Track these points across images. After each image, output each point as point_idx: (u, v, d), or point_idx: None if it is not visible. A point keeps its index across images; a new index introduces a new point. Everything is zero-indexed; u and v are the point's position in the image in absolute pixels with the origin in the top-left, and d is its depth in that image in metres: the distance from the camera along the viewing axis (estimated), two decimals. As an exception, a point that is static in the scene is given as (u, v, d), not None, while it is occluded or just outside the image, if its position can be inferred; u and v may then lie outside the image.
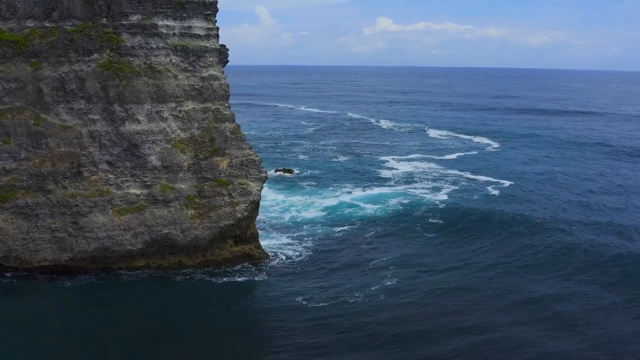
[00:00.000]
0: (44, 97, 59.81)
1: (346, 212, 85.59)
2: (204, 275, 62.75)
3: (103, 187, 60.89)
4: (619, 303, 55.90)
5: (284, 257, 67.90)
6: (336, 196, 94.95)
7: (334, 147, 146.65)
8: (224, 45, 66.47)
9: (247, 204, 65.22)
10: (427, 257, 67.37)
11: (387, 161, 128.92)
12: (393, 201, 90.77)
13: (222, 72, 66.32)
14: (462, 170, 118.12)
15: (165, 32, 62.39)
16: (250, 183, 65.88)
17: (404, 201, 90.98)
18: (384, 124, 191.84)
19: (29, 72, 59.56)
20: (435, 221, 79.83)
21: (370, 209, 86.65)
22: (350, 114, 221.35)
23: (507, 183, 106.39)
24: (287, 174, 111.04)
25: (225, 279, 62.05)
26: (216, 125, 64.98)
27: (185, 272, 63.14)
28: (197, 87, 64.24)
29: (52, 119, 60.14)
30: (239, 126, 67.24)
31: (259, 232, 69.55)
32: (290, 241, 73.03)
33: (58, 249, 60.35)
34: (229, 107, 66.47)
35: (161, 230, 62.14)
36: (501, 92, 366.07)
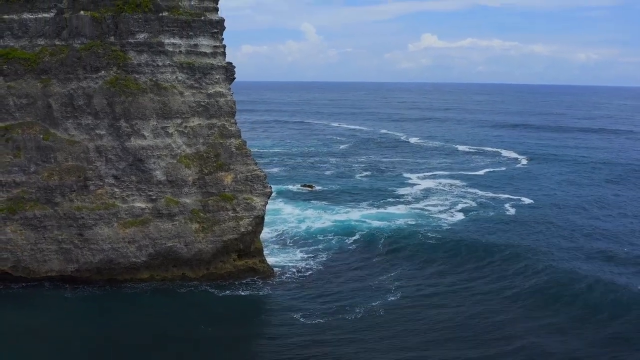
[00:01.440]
0: (53, 112, 61.84)
1: (353, 228, 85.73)
2: (209, 288, 63.82)
3: (109, 201, 62.51)
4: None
5: (293, 271, 68.90)
6: (346, 212, 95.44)
7: (361, 164, 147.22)
8: (231, 63, 67.81)
9: (251, 219, 66.18)
10: (428, 279, 67.08)
11: (410, 178, 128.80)
12: (402, 219, 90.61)
13: (229, 89, 67.64)
14: (484, 188, 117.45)
15: (171, 49, 63.99)
16: (255, 198, 66.85)
17: (413, 220, 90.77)
18: (415, 140, 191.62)
19: (39, 88, 61.69)
20: (441, 241, 78.91)
21: (376, 226, 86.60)
22: (383, 131, 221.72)
23: (527, 201, 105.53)
24: (308, 189, 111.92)
25: (228, 292, 63.04)
26: (221, 141, 66.21)
27: (190, 285, 64.31)
28: (203, 103, 65.62)
29: (60, 134, 62.11)
30: (245, 142, 68.41)
31: (270, 245, 70.48)
32: (296, 256, 73.79)
33: (64, 260, 62.12)
34: (235, 124, 67.70)
35: (165, 244, 63.44)
36: (542, 109, 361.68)
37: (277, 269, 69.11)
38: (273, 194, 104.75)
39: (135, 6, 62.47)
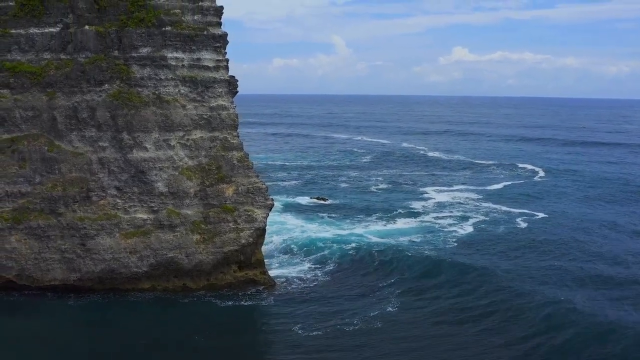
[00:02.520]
0: (57, 125, 63.28)
1: (356, 242, 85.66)
2: (212, 299, 64.53)
3: (111, 212, 63.68)
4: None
5: (295, 282, 69.53)
6: (353, 226, 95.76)
7: (378, 177, 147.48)
8: (233, 76, 68.82)
9: (251, 231, 66.88)
10: (427, 293, 66.72)
11: (426, 192, 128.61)
12: (409, 233, 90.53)
13: (232, 102, 68.58)
14: (500, 202, 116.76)
15: (174, 63, 65.15)
16: (256, 210, 67.54)
17: (420, 233, 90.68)
18: (436, 154, 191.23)
19: (44, 101, 63.19)
20: (443, 256, 78.17)
21: (381, 240, 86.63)
22: (405, 144, 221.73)
23: (540, 216, 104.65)
24: (320, 202, 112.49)
25: (230, 303, 63.64)
26: (223, 154, 67.08)
27: (193, 295, 65.16)
28: (206, 116, 66.61)
29: (65, 146, 63.51)
30: (247, 155, 69.20)
31: (273, 256, 71.11)
32: (297, 268, 74.36)
33: (67, 269, 63.35)
34: (237, 136, 68.58)
35: (166, 254, 64.38)
36: (570, 123, 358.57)
37: (279, 280, 69.67)
38: (282, 206, 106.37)
39: (139, 21, 63.77)
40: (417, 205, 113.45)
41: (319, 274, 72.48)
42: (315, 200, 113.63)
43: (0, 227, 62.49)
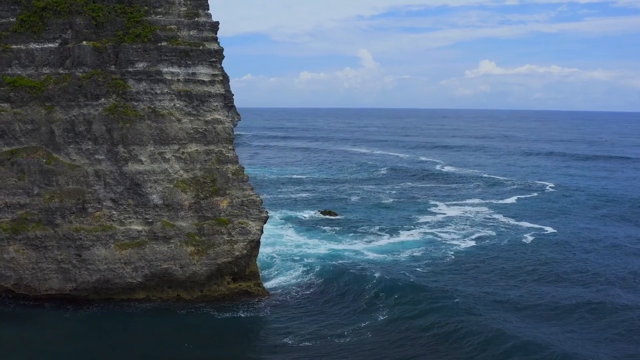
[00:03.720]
0: (55, 138, 64.87)
1: (350, 256, 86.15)
2: (210, 310, 65.28)
3: (106, 223, 64.99)
4: None
5: (291, 294, 70.30)
6: (354, 240, 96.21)
7: (391, 191, 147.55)
8: (229, 90, 69.92)
9: (245, 243, 67.75)
10: (419, 305, 66.61)
11: (436, 205, 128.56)
12: (410, 248, 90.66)
13: (227, 115, 69.66)
14: (510, 216, 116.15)
15: (169, 78, 66.51)
16: (250, 223, 68.43)
17: (421, 247, 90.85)
18: (452, 169, 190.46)
19: (43, 114, 64.85)
20: (440, 270, 78.56)
21: (378, 256, 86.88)
22: (423, 158, 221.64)
23: (549, 230, 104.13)
24: (327, 216, 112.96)
25: (228, 314, 64.35)
26: (218, 167, 68.15)
27: (191, 306, 65.94)
28: (201, 130, 67.80)
29: (62, 159, 65.04)
30: (243, 168, 70.17)
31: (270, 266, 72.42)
32: (293, 280, 74.94)
33: (63, 279, 64.69)
34: (233, 150, 69.60)
35: (161, 265, 65.47)
36: (595, 137, 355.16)
37: (274, 291, 70.44)
38: (285, 219, 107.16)
39: (135, 36, 65.28)
40: (425, 219, 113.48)
41: (307, 288, 72.75)
42: (321, 215, 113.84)
43: (-1, 237, 63.93)
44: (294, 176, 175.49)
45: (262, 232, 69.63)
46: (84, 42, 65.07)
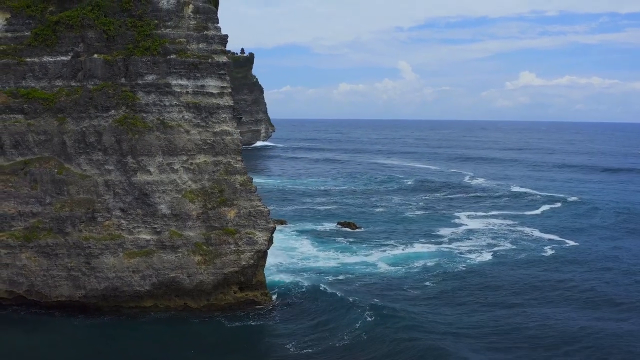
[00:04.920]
0: (67, 148, 66.53)
1: (368, 266, 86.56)
2: (222, 319, 66.21)
3: (115, 232, 66.32)
4: None
5: (296, 303, 71.11)
6: (369, 251, 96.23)
7: (417, 203, 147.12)
8: (237, 103, 70.82)
9: (252, 253, 68.48)
10: (420, 316, 66.76)
11: (459, 217, 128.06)
12: (423, 260, 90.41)
13: (235, 127, 70.64)
14: (533, 229, 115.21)
15: (178, 90, 67.78)
16: (257, 233, 69.16)
17: (435, 259, 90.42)
18: (481, 181, 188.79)
19: (55, 126, 66.59)
20: (448, 281, 78.49)
21: (390, 268, 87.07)
22: (453, 170, 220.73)
23: (570, 244, 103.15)
24: (345, 228, 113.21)
25: (237, 323, 65.29)
26: (226, 178, 69.10)
27: (204, 315, 66.91)
28: (209, 141, 68.88)
29: (74, 169, 66.66)
30: (251, 179, 71.01)
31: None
32: (304, 289, 75.34)
33: (73, 286, 66.12)
34: (241, 161, 70.52)
35: (168, 274, 66.50)
36: (635, 150, 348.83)
37: (281, 301, 71.12)
38: (301, 231, 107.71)
39: (145, 49, 66.72)
40: (446, 231, 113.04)
41: (314, 298, 73.06)
42: (339, 227, 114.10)
43: (12, 244, 65.72)
44: (322, 188, 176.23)
45: (269, 242, 70.20)
46: (95, 55, 66.68)
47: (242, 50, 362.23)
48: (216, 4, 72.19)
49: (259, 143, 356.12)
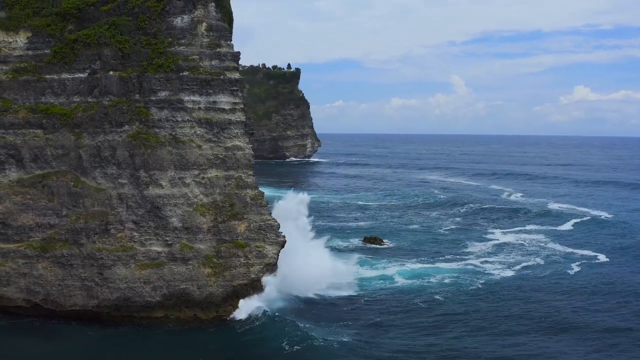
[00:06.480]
0: (83, 162, 68.82)
1: (386, 279, 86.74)
2: (238, 328, 67.43)
3: (127, 244, 68.16)
4: None
5: (311, 316, 71.66)
6: (388, 266, 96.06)
7: (452, 219, 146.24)
8: (249, 118, 72.27)
9: (262, 266, 69.60)
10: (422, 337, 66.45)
11: (492, 233, 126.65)
12: (441, 275, 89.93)
13: (247, 142, 72.02)
14: (565, 244, 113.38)
15: (190, 106, 69.54)
16: (267, 246, 70.27)
17: (454, 275, 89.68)
18: (522, 197, 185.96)
19: (72, 140, 68.99)
20: (459, 299, 77.74)
21: (412, 279, 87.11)
22: (493, 186, 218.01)
23: (602, 259, 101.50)
24: (368, 244, 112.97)
25: (247, 332, 66.48)
26: (237, 192, 70.46)
27: (219, 325, 68.14)
28: (221, 156, 70.39)
29: (89, 182, 68.87)
30: (263, 193, 72.19)
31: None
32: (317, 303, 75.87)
33: (87, 296, 68.09)
34: (252, 175, 71.83)
35: (179, 286, 67.98)
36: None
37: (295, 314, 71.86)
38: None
39: (158, 67, 68.75)
40: (474, 247, 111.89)
41: (329, 309, 73.69)
42: (364, 243, 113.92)
43: (29, 255, 68.12)
44: (360, 202, 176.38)
45: (278, 255, 71.16)
46: (111, 72, 68.98)
47: (289, 66, 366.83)
48: (230, 22, 73.94)
49: (303, 158, 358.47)
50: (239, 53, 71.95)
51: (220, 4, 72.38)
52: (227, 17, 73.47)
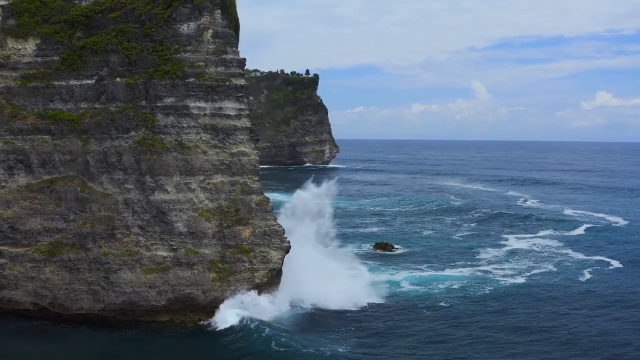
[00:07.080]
0: (90, 168, 69.68)
1: (393, 284, 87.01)
2: (234, 331, 67.04)
3: (133, 249, 68.84)
4: None
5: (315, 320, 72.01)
6: (395, 272, 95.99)
7: (466, 225, 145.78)
8: (255, 124, 72.75)
9: (266, 271, 69.98)
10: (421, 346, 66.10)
11: (506, 239, 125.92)
12: (453, 279, 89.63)
13: (253, 148, 72.50)
14: (578, 250, 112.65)
15: (196, 112, 70.18)
16: (272, 252, 70.64)
17: (461, 282, 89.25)
18: (535, 203, 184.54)
19: (79, 146, 69.90)
20: (459, 306, 77.14)
21: (420, 285, 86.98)
22: (510, 192, 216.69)
23: (616, 265, 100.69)
24: (378, 250, 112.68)
25: (253, 336, 66.01)
26: (242, 197, 70.94)
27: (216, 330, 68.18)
28: (226, 162, 70.93)
29: (96, 187, 69.71)
30: (268, 199, 72.61)
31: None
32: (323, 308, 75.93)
33: (93, 300, 68.83)
34: (258, 181, 72.26)
35: (184, 290, 68.52)
36: None
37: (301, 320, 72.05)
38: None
39: (164, 73, 69.47)
40: (486, 253, 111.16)
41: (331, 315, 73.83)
42: (375, 249, 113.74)
43: (37, 259, 69.08)
44: (375, 208, 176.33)
45: (283, 261, 71.48)
46: (118, 79, 69.80)
47: (307, 72, 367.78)
48: (236, 29, 74.57)
49: (321, 164, 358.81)
50: (244, 59, 72.55)
51: (227, 11, 73.02)
52: (233, 23, 74.10)
